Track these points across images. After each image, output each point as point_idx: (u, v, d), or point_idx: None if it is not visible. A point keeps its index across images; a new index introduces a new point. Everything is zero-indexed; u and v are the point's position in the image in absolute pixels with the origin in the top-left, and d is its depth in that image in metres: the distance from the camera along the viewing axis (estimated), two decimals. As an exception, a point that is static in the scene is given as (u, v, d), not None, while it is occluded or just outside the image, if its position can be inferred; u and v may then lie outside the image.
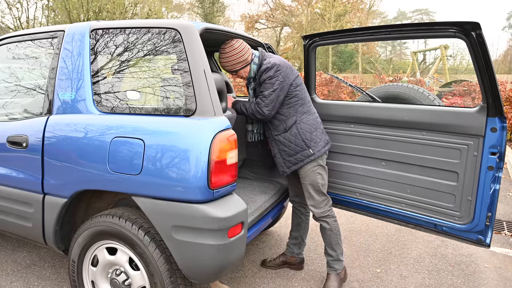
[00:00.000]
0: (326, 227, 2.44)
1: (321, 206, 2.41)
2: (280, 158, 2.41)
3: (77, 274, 2.06)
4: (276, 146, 2.40)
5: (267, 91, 2.23)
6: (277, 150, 2.41)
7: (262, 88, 2.26)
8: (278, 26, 29.55)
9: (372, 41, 2.50)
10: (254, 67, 2.32)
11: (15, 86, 2.34)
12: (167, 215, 1.72)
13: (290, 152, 2.35)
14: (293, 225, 2.73)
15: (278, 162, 2.43)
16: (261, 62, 2.31)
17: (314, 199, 2.40)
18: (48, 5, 16.85)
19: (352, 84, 2.92)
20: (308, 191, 2.41)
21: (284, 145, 2.36)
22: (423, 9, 41.59)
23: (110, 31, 1.99)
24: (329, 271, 2.51)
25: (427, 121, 2.27)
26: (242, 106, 2.33)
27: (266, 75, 2.24)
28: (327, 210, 2.42)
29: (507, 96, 8.33)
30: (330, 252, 2.48)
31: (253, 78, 2.36)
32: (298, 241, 2.73)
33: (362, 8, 26.43)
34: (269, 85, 2.23)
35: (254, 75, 2.34)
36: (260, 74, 2.27)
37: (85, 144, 1.87)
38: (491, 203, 2.11)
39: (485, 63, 1.96)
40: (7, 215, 2.24)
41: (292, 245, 2.75)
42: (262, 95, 2.25)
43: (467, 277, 2.74)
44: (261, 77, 2.26)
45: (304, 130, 2.34)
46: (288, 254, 2.76)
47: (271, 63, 2.25)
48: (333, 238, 2.45)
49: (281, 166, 2.42)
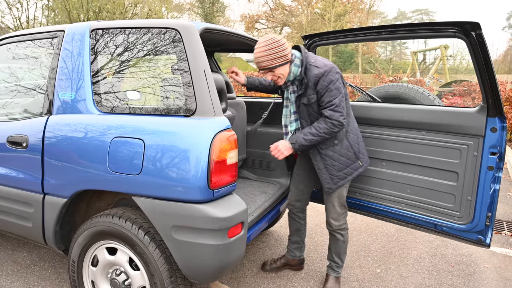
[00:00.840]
0: (340, 239, 2.39)
1: (341, 218, 2.35)
2: (327, 174, 2.20)
3: (77, 274, 2.06)
4: (323, 161, 2.18)
5: (337, 98, 2.00)
6: (323, 166, 2.19)
7: (327, 97, 2.01)
8: (278, 26, 29.55)
9: (372, 41, 2.50)
10: (295, 69, 2.07)
11: (15, 86, 2.34)
12: (167, 215, 1.72)
13: (340, 166, 2.18)
14: (292, 231, 2.64)
15: (324, 178, 2.21)
16: (305, 65, 2.06)
17: (336, 211, 2.32)
18: (48, 5, 16.85)
19: (352, 84, 2.92)
20: (332, 204, 2.31)
21: (333, 159, 2.16)
22: (423, 9, 41.60)
23: (110, 31, 1.99)
24: (330, 273, 2.49)
25: (427, 121, 2.27)
26: (306, 136, 2.06)
27: (327, 79, 2.00)
28: (344, 223, 2.38)
29: (507, 96, 8.33)
30: (336, 260, 2.46)
31: (292, 82, 2.13)
32: (299, 245, 2.68)
33: (362, 8, 26.43)
34: (335, 91, 2.01)
35: (294, 78, 2.11)
36: (317, 79, 2.01)
37: (85, 144, 1.87)
38: (491, 203, 2.11)
39: (485, 63, 1.96)
40: (7, 215, 2.24)
41: (294, 249, 2.69)
42: (332, 104, 2.00)
43: (467, 277, 2.74)
44: (319, 82, 2.01)
45: (354, 142, 2.19)
46: (290, 257, 2.71)
47: (328, 66, 2.03)
48: (343, 248, 2.43)
49: (327, 182, 2.21)
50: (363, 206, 2.63)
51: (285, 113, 2.28)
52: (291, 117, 2.25)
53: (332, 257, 2.47)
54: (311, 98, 2.09)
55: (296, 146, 2.11)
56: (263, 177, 3.02)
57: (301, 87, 2.10)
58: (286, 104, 2.25)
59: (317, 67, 2.04)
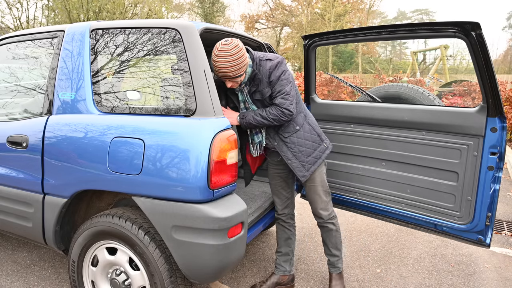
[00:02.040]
0: (333, 228, 2.36)
1: (329, 207, 2.33)
2: (297, 162, 2.18)
3: (77, 274, 2.06)
4: (289, 149, 2.18)
5: (287, 86, 2.04)
6: (291, 154, 2.18)
7: (278, 86, 2.04)
8: (278, 26, 29.55)
9: (372, 41, 2.50)
10: (249, 70, 2.06)
11: (15, 86, 2.34)
12: (167, 215, 1.72)
13: (307, 151, 2.18)
14: (281, 241, 2.49)
15: (295, 166, 2.19)
16: (257, 62, 2.08)
17: (323, 201, 2.30)
18: (48, 5, 16.85)
19: (352, 84, 2.92)
20: (318, 194, 2.29)
21: (299, 145, 2.16)
22: (423, 9, 41.60)
23: (110, 31, 1.99)
24: (332, 271, 2.44)
25: (427, 121, 2.27)
26: (256, 116, 2.06)
27: (279, 70, 2.04)
28: (332, 211, 2.36)
29: (507, 96, 8.34)
30: (335, 253, 2.41)
31: (246, 83, 2.11)
32: (289, 257, 2.52)
33: (362, 8, 26.43)
34: (285, 81, 2.04)
35: (248, 78, 2.09)
36: (271, 71, 2.05)
37: (85, 144, 1.87)
38: (491, 203, 2.11)
39: (485, 63, 1.96)
40: (7, 215, 2.24)
41: (283, 262, 2.50)
42: (283, 93, 2.04)
43: (467, 277, 2.74)
44: (272, 74, 2.05)
45: (314, 125, 2.23)
46: (280, 273, 2.50)
47: (279, 57, 2.07)
48: (338, 237, 2.39)
49: (300, 170, 2.19)
50: (363, 206, 2.63)
51: None
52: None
53: (330, 251, 2.42)
54: (265, 92, 2.09)
55: (244, 121, 2.09)
56: (263, 177, 3.02)
57: (253, 83, 2.10)
58: (245, 106, 2.17)
59: (270, 60, 2.07)
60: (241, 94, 2.16)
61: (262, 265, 2.84)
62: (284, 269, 2.51)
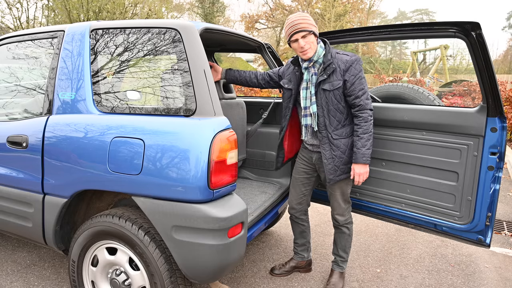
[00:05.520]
0: (346, 232, 2.43)
1: (346, 213, 2.40)
2: (332, 165, 2.19)
3: (77, 274, 2.06)
4: (331, 150, 2.18)
5: (366, 85, 2.10)
6: (330, 155, 2.18)
7: (359, 84, 2.07)
8: (278, 26, 29.56)
9: (372, 41, 2.50)
10: (320, 50, 2.12)
11: (15, 86, 2.34)
12: (167, 215, 1.72)
13: (346, 160, 2.20)
14: (297, 234, 2.65)
15: (329, 168, 2.20)
16: (331, 53, 2.11)
17: (341, 207, 2.37)
18: (48, 5, 16.85)
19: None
20: (337, 201, 2.36)
21: (341, 151, 2.18)
22: (423, 9, 41.63)
23: (110, 31, 1.99)
24: (334, 268, 2.53)
25: (427, 121, 2.27)
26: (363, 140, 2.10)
27: (358, 66, 2.08)
28: (349, 217, 2.43)
29: (507, 96, 8.34)
30: (341, 254, 2.49)
31: (313, 64, 2.14)
32: (306, 246, 2.69)
33: (362, 8, 26.43)
34: (364, 79, 2.09)
35: (316, 60, 2.13)
36: (349, 65, 2.07)
37: (85, 144, 1.87)
38: (491, 203, 2.11)
39: (485, 63, 1.96)
40: (7, 215, 2.24)
41: (301, 251, 2.69)
42: (365, 92, 2.09)
43: (467, 277, 2.74)
44: (351, 69, 2.07)
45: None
46: (299, 259, 2.70)
47: (356, 55, 2.09)
48: (348, 241, 2.46)
49: (331, 173, 2.21)
50: (363, 206, 2.63)
51: (305, 95, 2.21)
52: (312, 98, 2.18)
53: (338, 252, 2.50)
54: (336, 84, 2.09)
55: (367, 159, 2.13)
56: (263, 177, 3.02)
57: (324, 72, 2.10)
58: (306, 86, 2.19)
59: (347, 55, 2.11)
60: (307, 72, 2.17)
61: (262, 265, 2.84)
62: (302, 256, 2.70)
